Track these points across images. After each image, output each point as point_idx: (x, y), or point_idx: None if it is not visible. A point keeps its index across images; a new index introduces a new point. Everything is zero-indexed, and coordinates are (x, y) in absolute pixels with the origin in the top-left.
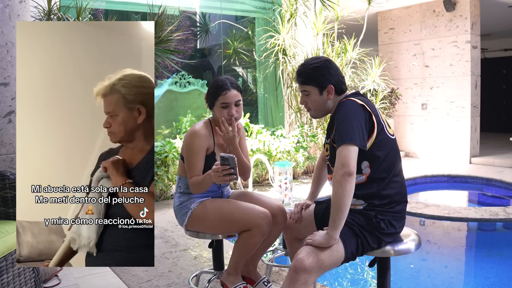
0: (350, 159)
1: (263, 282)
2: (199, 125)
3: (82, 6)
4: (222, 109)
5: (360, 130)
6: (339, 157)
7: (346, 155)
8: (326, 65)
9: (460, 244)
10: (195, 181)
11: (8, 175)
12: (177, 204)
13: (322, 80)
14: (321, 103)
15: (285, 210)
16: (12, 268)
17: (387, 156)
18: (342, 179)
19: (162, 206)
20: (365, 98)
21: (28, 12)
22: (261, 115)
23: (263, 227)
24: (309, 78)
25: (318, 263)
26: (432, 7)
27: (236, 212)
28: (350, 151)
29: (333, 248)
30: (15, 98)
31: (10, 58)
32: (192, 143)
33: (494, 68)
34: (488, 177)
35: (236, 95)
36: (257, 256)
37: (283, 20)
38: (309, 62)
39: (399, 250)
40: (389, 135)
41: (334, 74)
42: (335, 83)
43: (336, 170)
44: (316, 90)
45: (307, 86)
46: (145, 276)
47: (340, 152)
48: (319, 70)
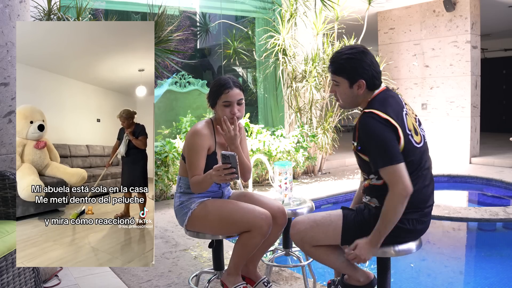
0: (406, 179)
1: (263, 283)
2: (201, 124)
3: (82, 6)
4: (224, 107)
5: (397, 146)
6: (394, 179)
7: (402, 178)
8: (361, 58)
9: (460, 244)
10: (196, 180)
11: (8, 175)
12: (178, 204)
13: (354, 73)
14: (350, 96)
15: (285, 210)
16: (12, 268)
17: (408, 165)
18: (404, 200)
19: (162, 206)
20: (392, 101)
21: (28, 12)
22: (261, 115)
23: (263, 228)
24: (340, 68)
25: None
26: (432, 7)
27: (237, 213)
28: (403, 171)
29: (330, 218)
30: (15, 98)
31: (10, 58)
32: (194, 142)
33: (494, 68)
34: (488, 177)
35: (239, 93)
36: (257, 257)
37: (283, 20)
38: (343, 51)
39: (400, 250)
40: (415, 144)
41: (367, 69)
42: (367, 78)
43: (398, 192)
44: (346, 82)
45: (337, 76)
46: (145, 276)
47: (393, 174)
48: (352, 62)
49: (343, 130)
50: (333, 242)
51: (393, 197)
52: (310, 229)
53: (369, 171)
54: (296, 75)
